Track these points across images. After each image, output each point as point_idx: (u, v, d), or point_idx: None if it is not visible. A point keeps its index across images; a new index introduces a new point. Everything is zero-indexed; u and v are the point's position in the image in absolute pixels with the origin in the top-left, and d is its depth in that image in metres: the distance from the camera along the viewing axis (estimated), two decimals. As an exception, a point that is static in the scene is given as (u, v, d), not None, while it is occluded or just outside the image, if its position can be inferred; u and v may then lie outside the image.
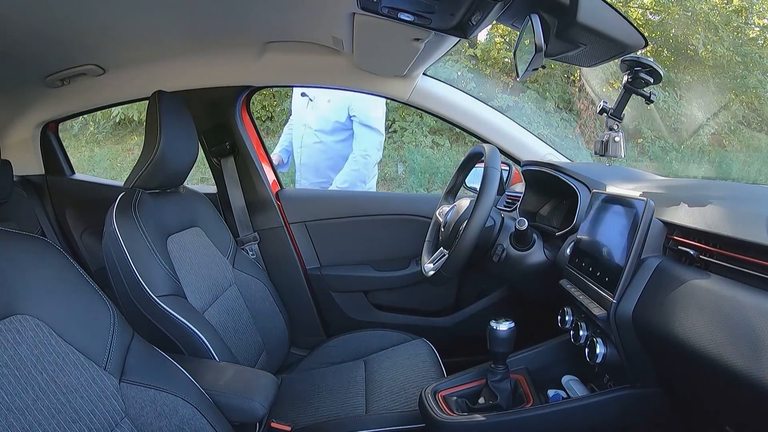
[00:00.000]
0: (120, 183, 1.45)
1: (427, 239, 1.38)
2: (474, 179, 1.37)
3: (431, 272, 1.17)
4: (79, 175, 2.07)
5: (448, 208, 1.30)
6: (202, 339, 1.06)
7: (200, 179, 5.01)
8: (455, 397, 1.03)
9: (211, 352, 1.06)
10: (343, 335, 1.57)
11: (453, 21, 0.94)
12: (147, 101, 1.23)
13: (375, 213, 1.72)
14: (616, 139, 1.23)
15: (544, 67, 0.94)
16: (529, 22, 0.86)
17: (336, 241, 1.74)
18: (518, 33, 0.97)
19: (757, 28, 6.94)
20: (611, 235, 0.90)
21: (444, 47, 1.21)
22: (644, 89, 1.18)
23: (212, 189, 1.91)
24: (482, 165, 1.14)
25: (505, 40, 6.60)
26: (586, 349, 0.93)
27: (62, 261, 0.88)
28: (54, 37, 1.14)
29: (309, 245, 1.75)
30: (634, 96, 1.20)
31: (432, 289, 1.65)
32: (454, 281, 1.69)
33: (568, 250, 1.05)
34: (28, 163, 1.92)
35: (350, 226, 1.73)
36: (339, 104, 2.19)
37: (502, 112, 1.67)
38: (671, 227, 0.85)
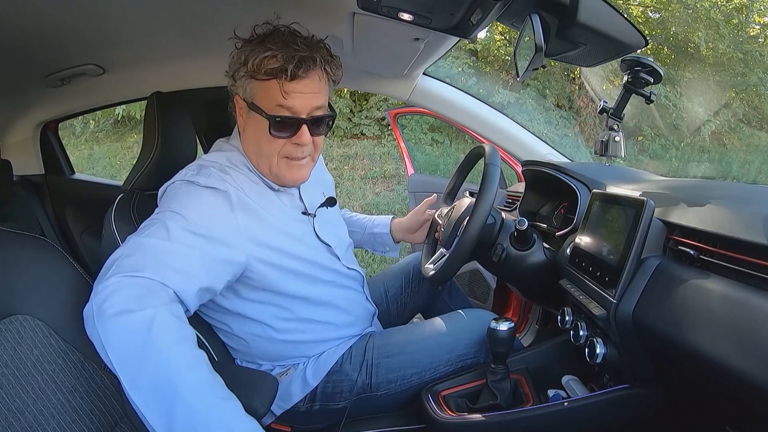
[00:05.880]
0: (119, 182, 1.45)
1: (426, 241, 1.38)
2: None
3: (431, 272, 1.16)
4: (78, 175, 2.07)
5: (447, 209, 1.30)
6: (201, 339, 1.05)
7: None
8: (455, 397, 1.03)
9: (210, 352, 1.06)
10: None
11: (453, 21, 0.94)
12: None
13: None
14: (616, 138, 1.23)
15: (544, 66, 0.93)
16: (529, 21, 0.86)
17: None
18: (518, 33, 0.97)
19: (758, 26, 6.93)
20: (611, 235, 0.90)
21: (444, 47, 1.21)
22: (644, 89, 1.17)
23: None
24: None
25: (505, 37, 6.59)
26: (586, 349, 0.93)
27: (62, 261, 0.89)
28: (54, 37, 1.14)
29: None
30: (634, 94, 1.20)
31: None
32: None
33: (568, 250, 1.05)
34: (28, 162, 1.92)
35: None
36: None
37: (502, 111, 1.67)
38: (671, 227, 0.85)
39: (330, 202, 1.18)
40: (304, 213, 1.09)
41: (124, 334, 0.69)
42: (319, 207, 1.14)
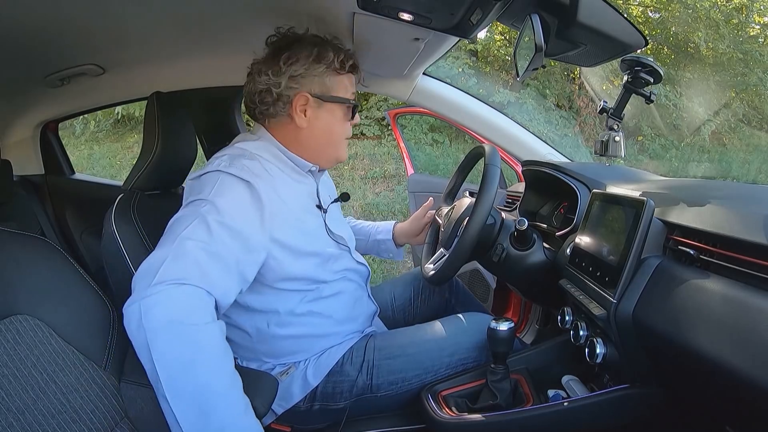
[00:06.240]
0: (119, 182, 1.46)
1: (426, 241, 1.38)
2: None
3: (431, 272, 1.17)
4: (78, 175, 2.08)
5: (447, 209, 1.30)
6: None
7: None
8: (455, 397, 1.03)
9: None
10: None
11: (453, 21, 0.94)
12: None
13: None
14: (616, 138, 1.23)
15: (544, 66, 0.93)
16: (529, 21, 0.86)
17: None
18: (518, 33, 0.97)
19: (758, 26, 6.93)
20: (611, 235, 0.90)
21: (444, 47, 1.21)
22: (644, 89, 1.17)
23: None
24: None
25: (505, 37, 6.59)
26: (586, 349, 0.93)
27: (62, 261, 0.89)
28: (54, 36, 1.14)
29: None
30: (634, 94, 1.20)
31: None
32: None
33: (568, 250, 1.05)
34: (28, 163, 1.93)
35: None
36: None
37: (502, 111, 1.67)
38: (671, 227, 0.85)
39: (344, 197, 1.26)
40: (318, 206, 1.11)
41: (175, 345, 0.74)
42: (332, 202, 1.18)
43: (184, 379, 0.73)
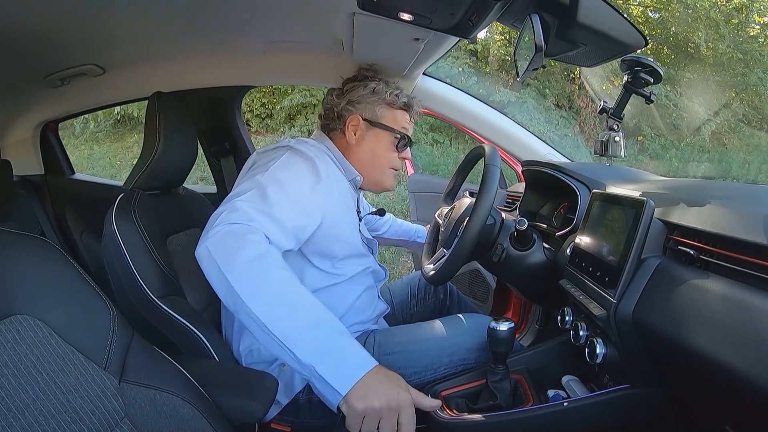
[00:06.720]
0: (120, 183, 1.46)
1: (426, 241, 1.39)
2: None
3: (431, 272, 1.17)
4: (78, 175, 2.08)
5: (447, 209, 1.30)
6: (201, 339, 1.05)
7: (199, 178, 5.01)
8: (455, 397, 1.03)
9: (210, 351, 1.06)
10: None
11: (453, 21, 0.94)
12: (147, 101, 1.23)
13: None
14: (616, 138, 1.23)
15: (544, 66, 0.93)
16: (529, 21, 0.86)
17: None
18: (518, 33, 0.97)
19: (758, 26, 6.93)
20: (611, 235, 0.90)
21: (444, 47, 1.21)
22: (644, 89, 1.17)
23: (212, 189, 1.91)
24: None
25: (505, 37, 6.59)
26: (586, 349, 0.93)
27: (62, 261, 0.88)
28: (54, 37, 1.14)
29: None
30: (634, 94, 1.20)
31: None
32: None
33: (568, 250, 1.05)
34: (28, 163, 1.93)
35: None
36: None
37: (502, 111, 1.67)
38: (671, 227, 0.85)
39: (380, 212, 1.43)
40: (357, 211, 1.23)
41: (245, 262, 0.82)
42: (369, 213, 1.36)
43: (260, 289, 0.80)
